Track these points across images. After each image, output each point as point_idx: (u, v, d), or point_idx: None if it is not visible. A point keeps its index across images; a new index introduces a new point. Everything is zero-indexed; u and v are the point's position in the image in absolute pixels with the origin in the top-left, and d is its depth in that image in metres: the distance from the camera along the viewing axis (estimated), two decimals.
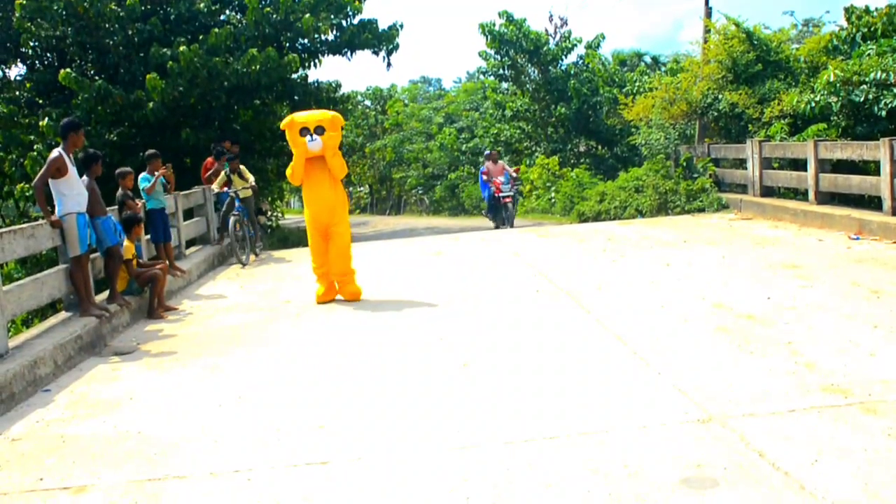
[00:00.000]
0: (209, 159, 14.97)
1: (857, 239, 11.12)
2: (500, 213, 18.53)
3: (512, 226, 18.13)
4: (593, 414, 5.03)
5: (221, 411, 5.74)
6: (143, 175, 11.31)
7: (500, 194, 18.27)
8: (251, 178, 14.21)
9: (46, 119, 16.48)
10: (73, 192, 8.22)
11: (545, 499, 3.94)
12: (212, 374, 6.77)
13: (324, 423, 5.28)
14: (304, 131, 9.30)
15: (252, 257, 13.89)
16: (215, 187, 13.96)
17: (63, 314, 8.44)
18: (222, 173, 13.92)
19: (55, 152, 8.16)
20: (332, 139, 9.43)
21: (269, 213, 22.97)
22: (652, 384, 5.55)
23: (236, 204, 13.43)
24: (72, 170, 8.18)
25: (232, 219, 13.17)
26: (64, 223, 8.17)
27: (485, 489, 4.09)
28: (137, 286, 9.38)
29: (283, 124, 9.60)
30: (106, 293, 9.08)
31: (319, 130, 9.29)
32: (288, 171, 9.82)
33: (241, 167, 14.19)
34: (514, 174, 19.01)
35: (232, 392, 6.17)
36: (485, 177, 18.95)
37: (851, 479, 3.88)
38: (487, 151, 21.15)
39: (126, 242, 9.26)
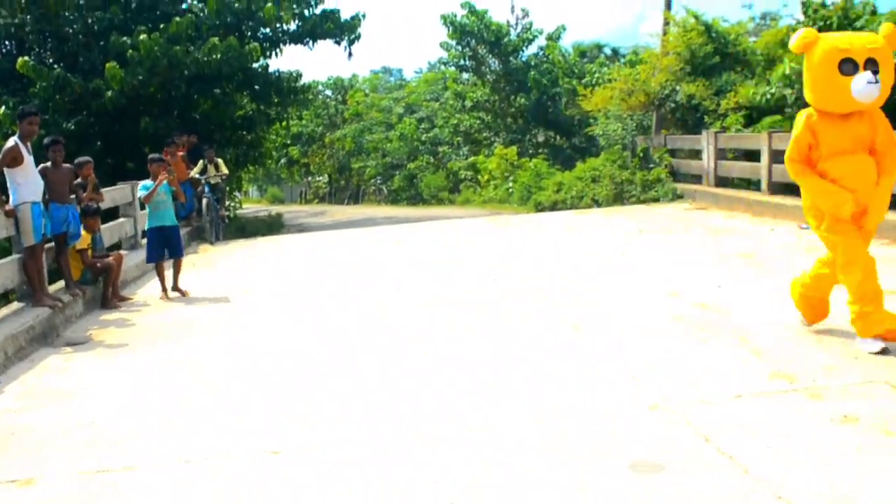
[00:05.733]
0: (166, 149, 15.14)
1: (807, 228, 11.28)
2: None
3: None
4: (546, 402, 5.09)
5: (175, 401, 5.71)
6: (143, 183, 10.14)
7: None
8: (225, 169, 15.62)
9: (3, 108, 16.21)
10: (28, 181, 8.10)
11: (504, 485, 3.99)
12: (166, 363, 6.72)
13: (276, 411, 5.29)
14: (848, 65, 5.44)
15: (214, 243, 14.82)
16: (194, 172, 15.00)
17: (15, 304, 8.33)
18: (200, 162, 15.16)
19: (10, 141, 8.04)
20: (890, 78, 5.58)
21: (228, 202, 22.89)
22: (605, 371, 5.62)
23: (206, 189, 14.86)
24: (28, 159, 8.06)
25: (204, 201, 14.62)
26: (18, 213, 8.06)
27: (452, 474, 4.12)
28: (91, 276, 9.28)
29: (795, 46, 5.73)
30: (60, 283, 8.97)
31: (872, 65, 5.44)
32: (792, 154, 6.04)
33: (218, 159, 15.58)
34: None
35: (186, 382, 6.14)
36: None
37: (795, 464, 3.98)
38: None
39: (83, 233, 9.16)
